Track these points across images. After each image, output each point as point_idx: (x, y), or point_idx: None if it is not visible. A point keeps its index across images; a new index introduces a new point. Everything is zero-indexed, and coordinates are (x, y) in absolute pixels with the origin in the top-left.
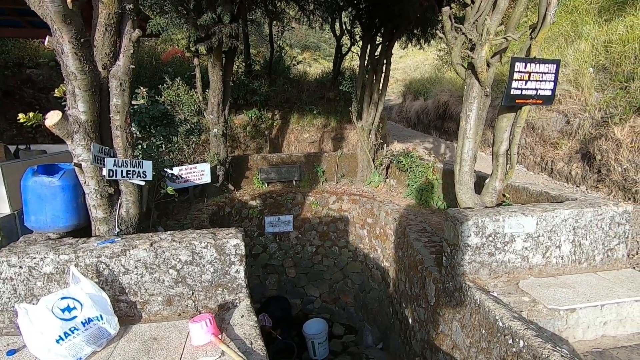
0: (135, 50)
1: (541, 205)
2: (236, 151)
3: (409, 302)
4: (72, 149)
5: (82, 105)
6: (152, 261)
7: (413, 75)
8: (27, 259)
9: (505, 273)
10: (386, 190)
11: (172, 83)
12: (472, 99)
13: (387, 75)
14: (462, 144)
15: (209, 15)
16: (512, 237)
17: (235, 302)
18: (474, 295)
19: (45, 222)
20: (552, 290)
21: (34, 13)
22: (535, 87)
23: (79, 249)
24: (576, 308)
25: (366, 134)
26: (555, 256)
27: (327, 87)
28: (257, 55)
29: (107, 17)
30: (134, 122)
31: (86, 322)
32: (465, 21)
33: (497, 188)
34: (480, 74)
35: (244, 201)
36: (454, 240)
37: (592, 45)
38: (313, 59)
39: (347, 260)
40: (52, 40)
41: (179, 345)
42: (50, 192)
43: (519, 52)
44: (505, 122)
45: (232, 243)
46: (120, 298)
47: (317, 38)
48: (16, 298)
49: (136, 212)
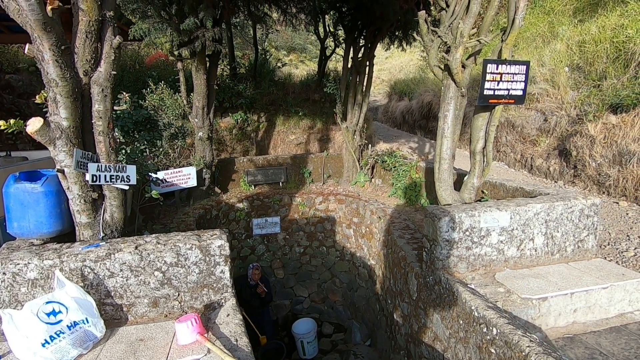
0: (117, 57)
1: (515, 200)
2: (222, 154)
3: (394, 298)
4: (55, 155)
5: (64, 112)
6: (137, 264)
7: (398, 76)
8: (10, 265)
9: (482, 266)
10: (372, 189)
11: (156, 87)
12: (449, 100)
13: (370, 77)
14: (440, 143)
15: (191, 20)
16: (487, 231)
17: (221, 301)
18: (452, 288)
19: (28, 228)
20: (526, 281)
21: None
22: (507, 87)
23: (63, 254)
24: (548, 297)
25: (351, 135)
26: (529, 248)
27: (312, 89)
28: (243, 58)
29: (87, 24)
30: (117, 127)
31: (72, 325)
32: (440, 24)
33: (475, 185)
34: (456, 75)
35: (230, 204)
36: (433, 236)
37: (567, 45)
38: (299, 61)
39: (335, 259)
40: (32, 47)
41: (165, 345)
42: (33, 198)
43: (491, 54)
44: (481, 121)
45: (216, 244)
46: (105, 301)
47: (303, 40)
48: (0, 305)
49: (120, 216)
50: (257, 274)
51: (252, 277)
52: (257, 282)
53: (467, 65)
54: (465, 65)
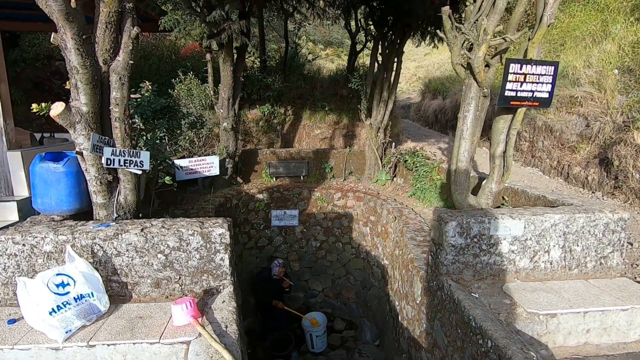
0: (135, 47)
1: (531, 209)
2: (248, 145)
3: (400, 300)
4: (75, 138)
5: (84, 98)
6: (142, 245)
7: (435, 74)
8: (29, 238)
9: (490, 275)
10: (392, 188)
11: (185, 77)
12: (469, 100)
13: (398, 73)
14: (458, 145)
15: (217, 12)
16: (498, 239)
17: (219, 288)
18: (454, 295)
19: (50, 205)
20: (535, 295)
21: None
22: (532, 89)
23: (76, 231)
24: (557, 313)
25: (374, 132)
26: (544, 261)
27: (341, 84)
28: (279, 51)
29: (107, 15)
30: (137, 115)
31: (78, 298)
32: (465, 21)
33: (493, 190)
34: (478, 74)
35: (251, 194)
36: (439, 240)
37: (619, 46)
38: (336, 55)
39: (350, 256)
40: (57, 36)
41: (161, 324)
42: (55, 177)
43: (516, 53)
44: (502, 123)
45: (217, 232)
46: (112, 278)
47: (340, 34)
48: (19, 273)
49: (133, 199)
50: (282, 272)
51: (279, 274)
52: (281, 278)
53: (491, 65)
54: (489, 65)
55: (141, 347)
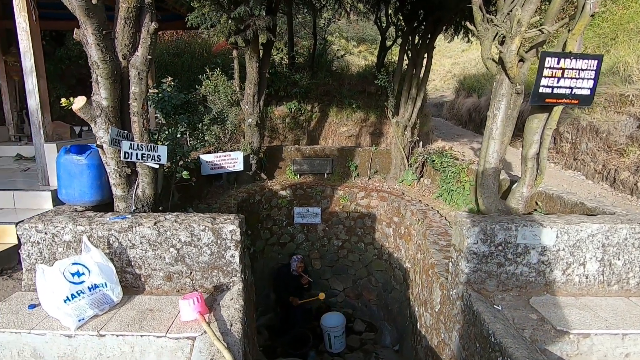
0: (153, 42)
1: (565, 217)
2: (275, 141)
3: (420, 306)
4: (95, 131)
5: (104, 92)
6: (155, 239)
7: (471, 71)
8: (51, 227)
9: (517, 287)
10: (418, 189)
11: (212, 74)
12: (500, 97)
13: (427, 69)
14: (486, 145)
15: (242, 8)
16: (525, 248)
17: (229, 284)
18: (473, 306)
19: (73, 195)
20: (566, 311)
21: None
22: (570, 85)
23: (94, 222)
24: (591, 333)
25: (401, 131)
26: (578, 274)
27: (369, 80)
28: (310, 48)
29: (126, 10)
30: (158, 110)
31: (92, 287)
32: (498, 12)
33: (524, 195)
34: (510, 69)
35: (274, 190)
36: (460, 246)
37: None
38: (368, 52)
39: (372, 257)
40: (78, 32)
41: (169, 318)
42: (78, 169)
43: (555, 46)
44: (536, 123)
45: (228, 228)
46: (126, 270)
47: (374, 31)
48: (41, 260)
49: (151, 192)
50: (301, 267)
51: (297, 269)
52: (300, 274)
53: (525, 59)
54: (523, 59)
55: (148, 340)
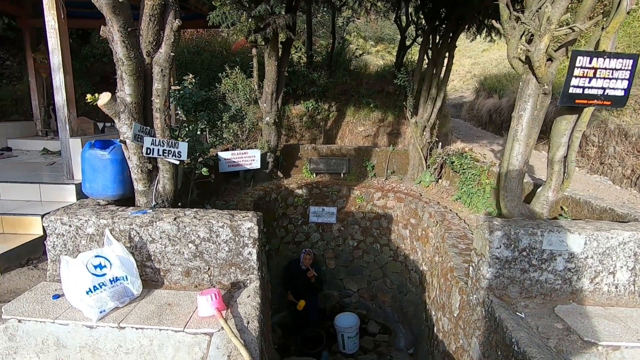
0: (176, 39)
1: (594, 223)
2: (291, 140)
3: (437, 310)
4: (119, 127)
5: (128, 89)
6: (175, 234)
7: (492, 71)
8: (75, 220)
9: (541, 294)
10: (437, 191)
11: (231, 72)
12: (526, 97)
13: (448, 69)
14: (511, 147)
15: (262, 6)
16: (551, 254)
17: (246, 282)
18: (495, 313)
19: (97, 189)
20: (594, 321)
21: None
22: (603, 85)
23: (116, 216)
24: (621, 346)
25: (420, 131)
26: (607, 283)
27: (387, 80)
28: (326, 47)
29: (151, 7)
30: (179, 106)
31: (113, 280)
32: (526, 9)
33: (549, 199)
34: (538, 69)
35: (290, 189)
36: (482, 250)
37: None
38: (386, 52)
39: (388, 259)
40: (105, 29)
41: (187, 313)
42: (101, 164)
43: (585, 46)
44: (564, 125)
45: (246, 226)
46: (146, 264)
47: (392, 30)
48: (65, 252)
49: (171, 188)
50: (308, 259)
51: (304, 261)
52: (307, 267)
53: (554, 58)
54: (552, 58)
55: (166, 334)
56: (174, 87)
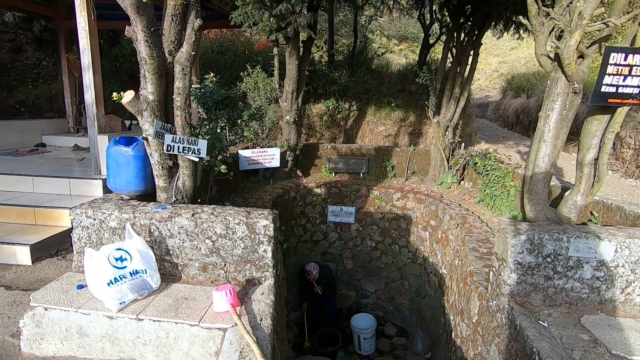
0: (197, 38)
1: (627, 230)
2: (311, 139)
3: (456, 315)
4: (142, 124)
5: (151, 87)
6: (192, 230)
7: (520, 70)
8: (99, 214)
9: (566, 303)
10: (458, 192)
11: (252, 71)
12: (555, 96)
13: (473, 68)
14: (537, 148)
15: (283, 5)
16: (578, 262)
17: (261, 279)
18: (516, 320)
19: (120, 185)
20: (624, 334)
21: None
22: (639, 84)
23: (137, 211)
24: None
25: (442, 131)
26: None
27: (410, 79)
28: (350, 46)
29: (173, 7)
30: (200, 105)
31: (133, 273)
32: (556, 4)
33: (578, 203)
34: (568, 66)
35: (309, 188)
36: (503, 255)
37: None
38: (410, 50)
39: (406, 260)
40: (129, 29)
41: (202, 308)
42: (125, 160)
43: (621, 42)
44: (595, 125)
45: (262, 223)
46: (165, 258)
47: (416, 29)
48: (90, 244)
49: (191, 185)
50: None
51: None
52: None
53: (586, 55)
54: (584, 55)
55: (182, 328)
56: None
